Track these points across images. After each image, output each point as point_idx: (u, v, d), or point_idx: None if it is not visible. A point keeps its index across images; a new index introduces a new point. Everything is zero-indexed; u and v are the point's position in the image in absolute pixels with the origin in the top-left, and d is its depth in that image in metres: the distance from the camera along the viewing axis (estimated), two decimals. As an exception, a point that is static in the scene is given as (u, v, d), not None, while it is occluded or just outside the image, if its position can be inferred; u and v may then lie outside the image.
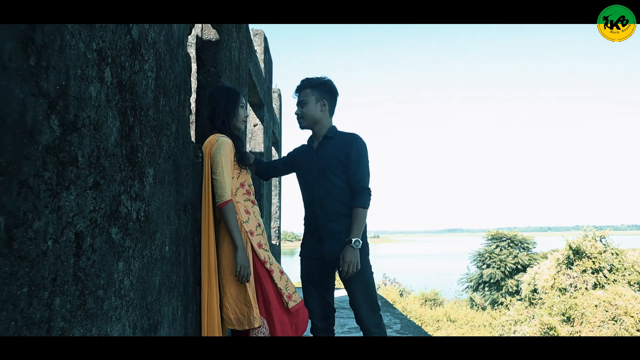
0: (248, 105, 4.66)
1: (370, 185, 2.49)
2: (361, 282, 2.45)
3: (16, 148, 0.84)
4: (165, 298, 1.70)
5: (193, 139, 2.80)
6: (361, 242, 2.38)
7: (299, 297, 2.32)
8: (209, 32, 2.70)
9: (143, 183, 1.47)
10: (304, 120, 2.58)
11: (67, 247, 1.01)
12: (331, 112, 2.61)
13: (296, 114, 2.60)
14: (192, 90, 2.78)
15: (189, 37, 2.68)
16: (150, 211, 1.55)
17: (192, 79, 2.70)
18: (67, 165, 1.01)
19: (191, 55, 2.88)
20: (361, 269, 2.40)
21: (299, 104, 2.58)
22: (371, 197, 2.47)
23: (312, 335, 2.59)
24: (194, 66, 2.87)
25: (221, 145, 2.18)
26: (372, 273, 2.55)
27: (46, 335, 0.93)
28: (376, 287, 2.59)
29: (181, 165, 1.93)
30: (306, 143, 2.68)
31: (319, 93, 2.55)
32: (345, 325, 4.82)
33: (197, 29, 2.74)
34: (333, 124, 2.62)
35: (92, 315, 1.13)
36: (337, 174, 2.48)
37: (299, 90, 2.59)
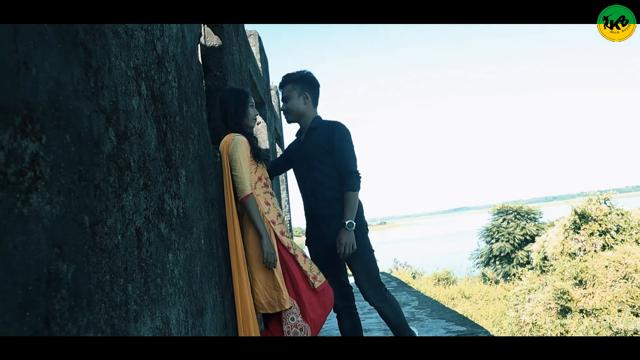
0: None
1: (357, 169, 2.60)
2: (360, 261, 2.58)
3: (89, 157, 0.99)
4: (206, 286, 1.86)
5: (208, 141, 2.94)
6: (354, 223, 2.49)
7: (323, 277, 2.48)
8: (212, 39, 2.84)
9: (179, 183, 1.63)
10: (289, 115, 2.73)
11: (131, 241, 1.17)
12: (314, 103, 2.74)
13: (282, 109, 2.75)
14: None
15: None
16: (187, 208, 1.70)
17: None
18: (124, 170, 1.17)
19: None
20: (358, 248, 2.52)
21: (283, 99, 2.73)
22: (360, 179, 2.58)
23: (335, 315, 2.75)
24: (199, 72, 3.01)
25: (237, 143, 2.33)
26: (373, 251, 2.67)
27: (124, 317, 1.09)
28: (389, 271, 2.72)
29: (205, 165, 2.09)
30: (295, 137, 2.83)
31: (300, 87, 2.68)
32: (365, 307, 4.98)
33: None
34: (317, 114, 2.75)
35: (155, 300, 1.29)
36: (324, 162, 2.60)
37: (282, 86, 2.73)
